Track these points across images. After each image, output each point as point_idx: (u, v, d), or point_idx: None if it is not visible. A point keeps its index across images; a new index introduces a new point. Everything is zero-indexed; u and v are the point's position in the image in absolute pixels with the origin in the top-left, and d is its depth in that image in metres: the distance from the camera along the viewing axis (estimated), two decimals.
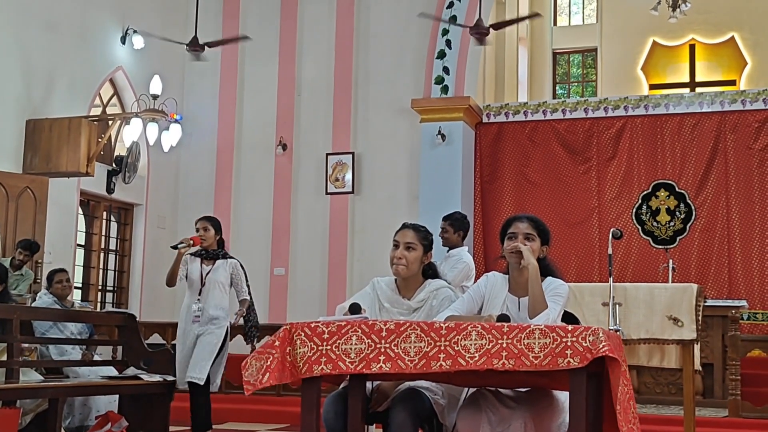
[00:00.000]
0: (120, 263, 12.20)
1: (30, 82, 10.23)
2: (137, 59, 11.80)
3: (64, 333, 7.01)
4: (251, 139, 12.74)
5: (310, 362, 3.40)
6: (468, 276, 6.81)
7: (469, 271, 6.89)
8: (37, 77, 10.32)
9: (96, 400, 6.57)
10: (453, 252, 7.00)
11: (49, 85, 10.48)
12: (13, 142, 10.00)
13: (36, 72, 10.30)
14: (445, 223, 7.03)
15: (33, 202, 9.71)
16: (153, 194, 12.39)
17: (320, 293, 12.08)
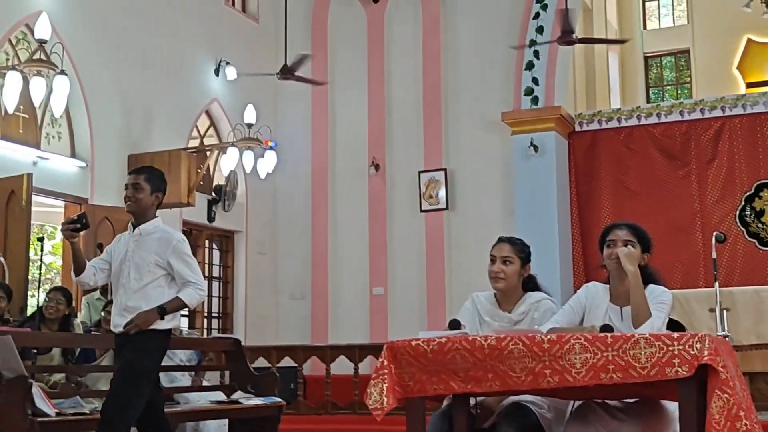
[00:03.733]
0: (224, 290, 12.47)
1: (130, 118, 10.59)
2: (231, 90, 12.09)
3: (174, 360, 7.19)
4: (344, 162, 12.89)
5: (420, 382, 3.41)
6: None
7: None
8: (136, 113, 10.67)
9: (206, 425, 6.71)
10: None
11: (148, 120, 10.83)
12: (117, 177, 10.33)
13: (135, 108, 10.65)
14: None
15: None
16: (252, 221, 12.64)
17: (419, 310, 12.10)
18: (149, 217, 4.78)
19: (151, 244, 4.72)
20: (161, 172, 4.98)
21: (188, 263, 4.74)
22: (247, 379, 6.88)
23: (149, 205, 4.76)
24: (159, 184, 4.82)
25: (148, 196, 4.74)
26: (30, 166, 9.06)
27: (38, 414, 5.04)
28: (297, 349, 10.18)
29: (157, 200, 4.80)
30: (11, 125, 9.26)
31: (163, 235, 4.75)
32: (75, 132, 10.04)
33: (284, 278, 12.96)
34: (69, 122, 9.98)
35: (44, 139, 9.70)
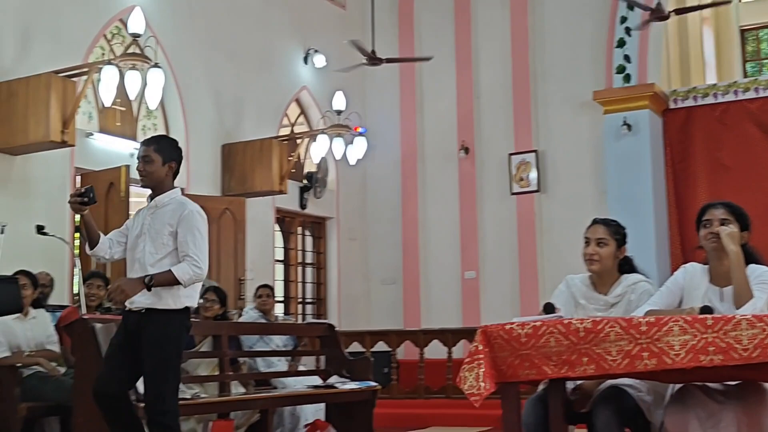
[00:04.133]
0: (317, 275, 12.62)
1: (222, 109, 10.77)
2: (320, 77, 12.19)
3: (270, 346, 7.32)
4: (433, 146, 12.88)
5: (513, 367, 3.39)
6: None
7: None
8: (228, 104, 10.86)
9: (304, 409, 6.81)
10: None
11: (240, 110, 11.00)
12: (211, 167, 10.55)
13: (227, 99, 10.84)
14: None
15: (233, 222, 10.21)
16: (343, 207, 12.75)
17: (512, 294, 12.02)
18: (166, 188, 4.51)
19: (166, 214, 4.45)
20: (173, 140, 4.67)
21: (194, 236, 4.38)
22: (342, 363, 6.95)
23: (163, 177, 4.48)
24: (171, 153, 4.52)
25: (160, 168, 4.45)
26: (127, 158, 9.30)
27: (141, 399, 5.18)
28: (390, 334, 10.24)
29: (171, 170, 4.50)
30: (109, 118, 9.53)
31: (177, 205, 4.47)
32: (170, 123, 10.27)
33: (375, 263, 13.04)
34: (164, 114, 10.21)
35: (140, 131, 9.96)
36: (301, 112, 12.33)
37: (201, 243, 4.39)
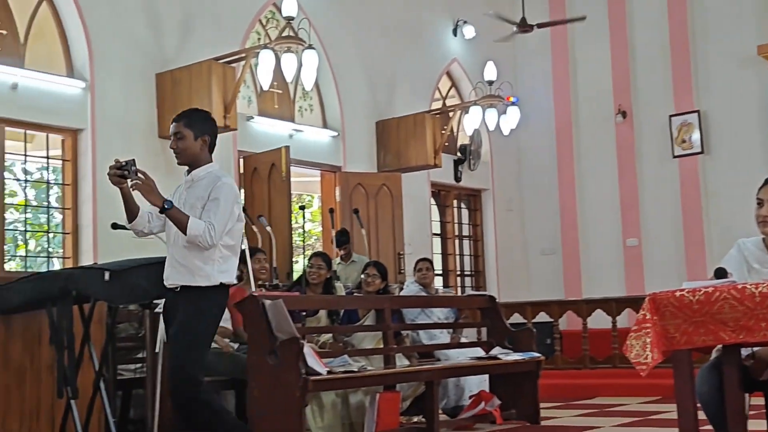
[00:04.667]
0: (474, 248, 12.62)
1: (374, 86, 10.89)
2: (470, 49, 12.13)
3: (432, 318, 7.37)
4: (589, 111, 12.59)
5: (687, 333, 3.30)
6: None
7: None
8: (380, 81, 10.96)
9: (468, 381, 6.84)
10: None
11: (392, 86, 11.09)
12: (367, 144, 10.70)
13: (379, 76, 10.94)
14: None
15: (390, 197, 10.33)
16: (498, 178, 12.67)
17: (677, 260, 11.65)
18: (202, 162, 4.35)
19: (200, 188, 4.30)
20: (203, 113, 4.47)
21: (219, 206, 4.20)
22: (504, 334, 6.93)
23: (197, 151, 4.32)
24: (203, 126, 4.34)
25: (192, 143, 4.30)
26: (286, 139, 9.56)
27: (311, 372, 5.33)
28: (551, 304, 10.13)
29: (204, 143, 4.33)
30: (267, 102, 9.81)
31: (212, 179, 4.30)
32: (325, 103, 10.48)
33: (533, 234, 12.91)
34: (319, 94, 10.42)
35: (297, 113, 10.20)
36: (453, 85, 12.31)
37: (223, 215, 4.20)
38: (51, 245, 8.44)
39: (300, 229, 10.93)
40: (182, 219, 4.15)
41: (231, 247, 4.35)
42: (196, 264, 4.25)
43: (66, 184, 8.02)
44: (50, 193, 9.18)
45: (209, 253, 4.24)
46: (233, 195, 4.29)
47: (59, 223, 8.25)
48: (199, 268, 4.25)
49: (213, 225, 4.16)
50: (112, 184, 4.25)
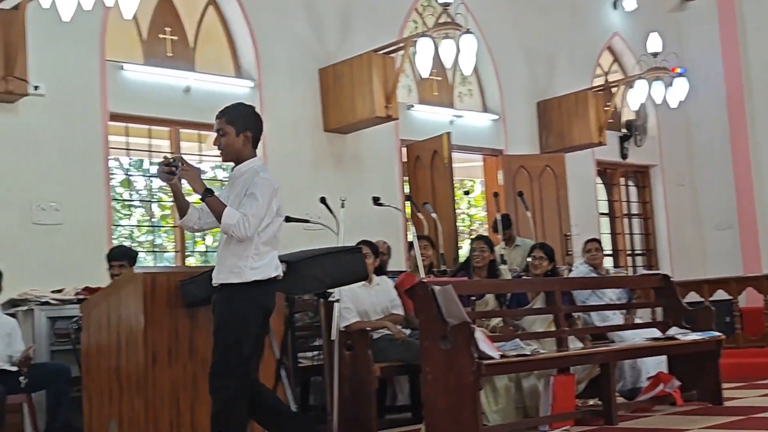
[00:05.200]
0: (644, 226, 12.28)
1: (534, 66, 10.76)
2: (631, 21, 11.78)
3: (603, 300, 7.23)
4: (762, 79, 11.99)
5: None
6: None
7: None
8: (539, 60, 10.82)
9: (644, 363, 6.68)
10: None
11: (551, 65, 10.93)
12: (527, 126, 10.60)
13: (537, 55, 10.81)
14: None
15: (553, 178, 10.19)
16: (667, 153, 12.26)
17: None
18: (244, 158, 4.31)
19: (241, 183, 4.28)
20: (246, 108, 4.39)
21: (256, 199, 4.14)
22: (681, 314, 6.73)
23: (239, 147, 4.27)
24: (245, 122, 4.30)
25: (234, 139, 4.25)
26: (447, 126, 9.60)
27: (483, 357, 5.35)
28: (730, 281, 9.73)
29: (247, 139, 4.28)
30: (426, 89, 9.87)
31: (252, 174, 4.26)
32: (484, 87, 10.44)
33: (706, 209, 12.42)
34: (478, 79, 10.39)
35: (457, 98, 10.21)
36: (615, 60, 11.99)
37: (257, 209, 4.15)
38: None
39: (463, 214, 10.96)
40: (219, 208, 4.15)
41: (268, 242, 4.28)
42: (232, 261, 4.24)
43: None
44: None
45: (244, 250, 4.20)
46: (270, 189, 4.22)
47: None
48: (233, 266, 4.24)
49: (247, 217, 4.10)
50: (162, 181, 4.31)
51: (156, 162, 8.09)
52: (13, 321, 6.00)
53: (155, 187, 8.99)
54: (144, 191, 9.76)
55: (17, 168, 6.67)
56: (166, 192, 10.72)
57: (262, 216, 4.16)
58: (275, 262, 4.29)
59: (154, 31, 7.85)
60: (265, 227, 4.22)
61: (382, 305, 6.56)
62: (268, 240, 4.26)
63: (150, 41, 7.81)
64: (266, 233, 4.24)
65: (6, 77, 6.37)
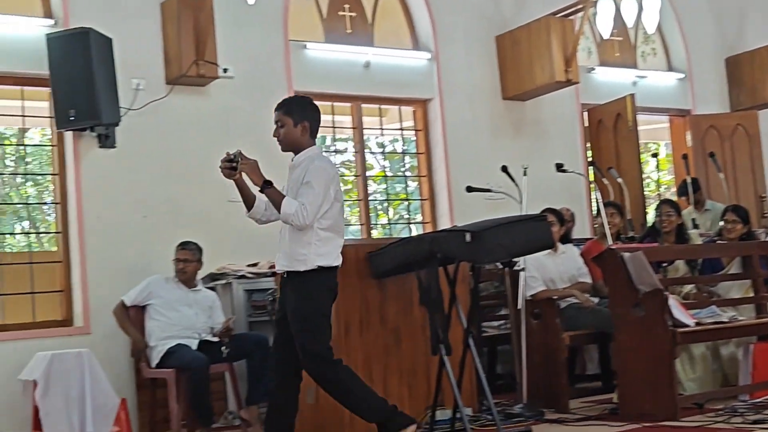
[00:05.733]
0: None
1: (722, 20, 10.25)
2: None
3: None
4: None
5: None
6: None
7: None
8: (728, 13, 10.30)
9: None
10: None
11: (741, 17, 10.38)
12: (716, 84, 10.12)
13: (726, 8, 10.28)
14: None
15: (746, 138, 9.70)
16: None
17: None
18: (303, 147, 4.44)
19: (297, 172, 4.41)
20: (303, 100, 4.59)
21: (312, 187, 4.26)
22: None
23: (298, 137, 4.41)
24: (302, 113, 4.44)
25: (292, 129, 4.39)
26: (630, 87, 9.30)
27: (678, 324, 5.20)
28: None
29: (305, 129, 4.41)
30: (607, 51, 9.59)
31: (308, 162, 4.38)
32: (669, 45, 10.05)
33: None
34: (662, 36, 10.01)
35: (640, 58, 9.88)
36: None
37: (314, 197, 4.25)
38: (409, 212, 8.90)
39: (648, 178, 10.62)
40: (278, 198, 4.27)
41: (330, 228, 4.37)
42: (295, 249, 4.34)
43: (419, 153, 8.41)
44: (404, 163, 9.68)
45: (307, 237, 4.31)
46: (326, 176, 4.32)
47: (413, 190, 8.68)
48: (297, 254, 4.33)
49: (305, 205, 4.21)
50: (225, 178, 4.37)
51: (340, 138, 8.30)
52: (213, 294, 6.31)
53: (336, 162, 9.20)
54: None
55: (211, 147, 6.95)
56: (349, 167, 11.00)
57: (319, 203, 4.26)
58: (338, 249, 4.41)
59: (334, 9, 7.99)
60: (324, 213, 4.31)
61: (569, 273, 6.48)
62: (329, 226, 4.36)
63: (330, 19, 7.96)
64: (326, 219, 4.34)
65: (197, 61, 6.66)
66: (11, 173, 10.44)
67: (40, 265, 6.62)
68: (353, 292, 5.40)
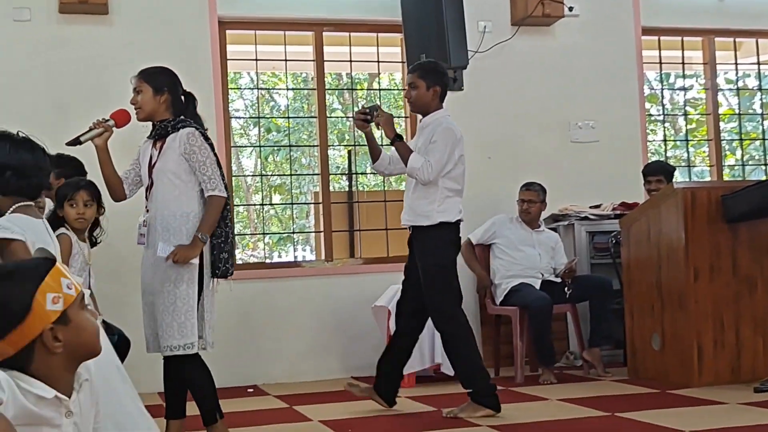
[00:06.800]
0: None
1: None
2: None
3: None
4: None
5: None
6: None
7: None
8: None
9: None
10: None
11: None
12: None
13: None
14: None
15: None
16: None
17: None
18: (432, 110, 4.69)
19: (426, 133, 4.65)
20: (437, 65, 4.81)
21: (438, 148, 4.50)
22: None
23: (429, 100, 4.67)
24: (435, 78, 4.67)
25: (424, 92, 4.65)
26: None
27: None
28: None
29: (435, 94, 4.66)
30: None
31: (436, 124, 4.62)
32: None
33: None
34: None
35: None
36: None
37: (439, 156, 4.49)
38: (764, 153, 8.30)
39: None
40: (405, 152, 4.54)
41: (452, 189, 4.59)
42: (420, 205, 4.60)
43: None
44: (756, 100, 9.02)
45: (432, 194, 4.56)
46: (453, 138, 4.55)
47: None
48: (421, 209, 4.59)
49: (430, 162, 4.46)
50: (357, 129, 4.74)
51: (686, 74, 7.90)
52: (555, 235, 6.34)
53: (681, 101, 8.78)
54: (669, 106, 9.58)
55: (554, 89, 6.94)
56: (694, 106, 10.44)
57: (443, 162, 4.51)
58: (458, 207, 4.62)
59: None
60: (447, 172, 4.55)
61: None
62: (452, 186, 4.59)
63: None
64: (449, 179, 4.57)
65: (543, 1, 6.62)
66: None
67: (393, 203, 7.00)
68: (703, 236, 5.20)
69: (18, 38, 5.93)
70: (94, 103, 4.46)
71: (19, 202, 2.96)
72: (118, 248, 4.95)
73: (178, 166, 3.92)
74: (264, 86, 12.34)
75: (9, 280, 1.85)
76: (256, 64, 6.91)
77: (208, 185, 3.90)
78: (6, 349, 1.82)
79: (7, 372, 1.82)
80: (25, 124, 5.65)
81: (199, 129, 3.98)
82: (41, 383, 1.85)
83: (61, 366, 1.90)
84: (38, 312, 1.83)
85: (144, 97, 3.99)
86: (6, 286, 1.84)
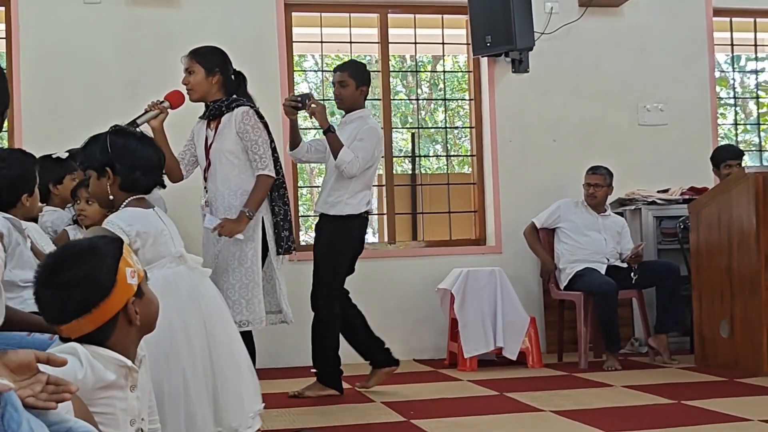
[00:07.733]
0: None
1: None
2: None
3: None
4: None
5: None
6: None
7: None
8: None
9: None
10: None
11: None
12: None
13: None
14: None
15: None
16: None
17: None
18: (357, 107, 4.89)
19: (348, 129, 4.81)
20: (364, 66, 5.02)
21: (365, 145, 4.70)
22: None
23: (357, 98, 4.87)
24: (362, 78, 4.88)
25: (353, 91, 4.85)
26: None
27: None
28: None
29: (362, 93, 4.89)
30: None
31: (360, 122, 4.82)
32: None
33: None
34: None
35: None
36: None
37: (366, 153, 4.69)
38: None
39: None
40: (338, 145, 4.65)
41: (366, 184, 4.79)
42: (331, 195, 4.75)
43: None
44: None
45: (344, 186, 4.72)
46: (377, 137, 4.78)
47: None
48: (334, 199, 4.74)
49: (359, 158, 4.65)
50: (286, 115, 4.73)
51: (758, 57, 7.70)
52: (621, 220, 6.24)
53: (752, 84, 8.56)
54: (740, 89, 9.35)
55: (624, 70, 6.83)
56: (766, 90, 10.18)
57: (368, 160, 4.71)
58: (366, 200, 4.81)
59: None
60: (365, 169, 4.73)
61: None
62: (365, 181, 4.78)
63: None
64: (365, 175, 4.75)
65: None
66: (425, 99, 11.04)
67: (455, 186, 6.97)
68: None
69: (89, 20, 6.03)
70: (162, 84, 4.50)
71: (133, 195, 3.03)
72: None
73: (235, 145, 4.09)
74: (328, 69, 12.36)
75: (93, 255, 1.89)
76: (321, 47, 6.93)
77: (259, 164, 4.08)
78: (86, 325, 1.87)
79: (85, 346, 1.87)
80: (96, 104, 5.89)
81: (253, 107, 4.11)
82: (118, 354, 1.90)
83: (135, 338, 1.96)
84: (122, 285, 1.88)
85: (196, 78, 4.12)
86: (91, 260, 1.89)
